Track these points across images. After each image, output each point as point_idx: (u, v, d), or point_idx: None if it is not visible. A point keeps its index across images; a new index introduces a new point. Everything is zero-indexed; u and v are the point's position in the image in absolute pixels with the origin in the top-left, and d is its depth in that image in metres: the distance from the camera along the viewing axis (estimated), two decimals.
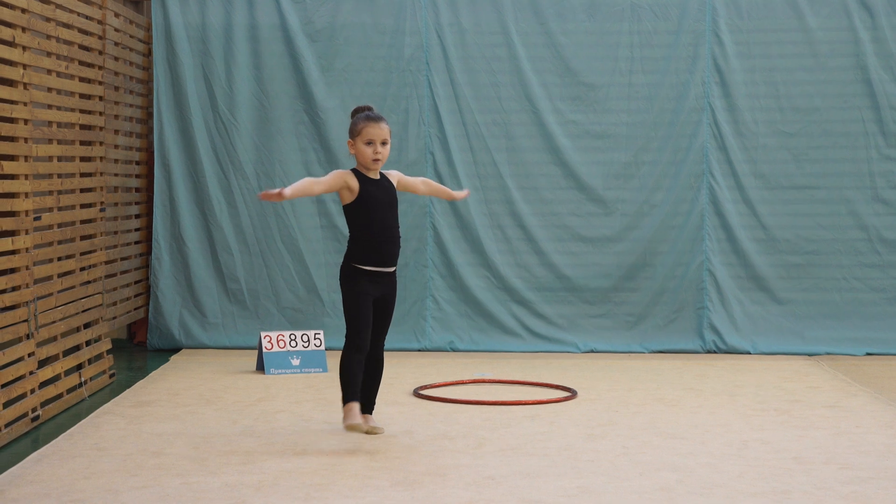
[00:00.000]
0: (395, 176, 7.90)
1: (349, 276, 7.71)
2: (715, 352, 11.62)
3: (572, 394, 9.42)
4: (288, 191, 7.31)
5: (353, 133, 7.63)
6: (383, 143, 7.60)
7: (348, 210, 7.67)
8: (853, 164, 11.67)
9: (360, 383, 7.67)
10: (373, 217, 7.62)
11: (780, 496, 6.48)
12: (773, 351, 11.57)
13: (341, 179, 7.58)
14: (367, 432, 7.59)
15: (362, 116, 7.64)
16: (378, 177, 7.73)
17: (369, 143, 7.54)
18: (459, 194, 8.49)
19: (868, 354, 11.54)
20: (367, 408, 7.84)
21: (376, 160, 7.57)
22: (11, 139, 8.27)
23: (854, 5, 11.56)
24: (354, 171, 7.66)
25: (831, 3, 11.58)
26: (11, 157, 8.26)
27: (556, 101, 11.69)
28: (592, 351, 11.63)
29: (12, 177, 8.25)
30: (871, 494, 6.53)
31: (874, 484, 6.75)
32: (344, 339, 7.74)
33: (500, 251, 11.74)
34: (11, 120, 8.25)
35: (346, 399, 7.54)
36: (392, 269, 7.79)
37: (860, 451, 7.58)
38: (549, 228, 11.75)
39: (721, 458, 7.37)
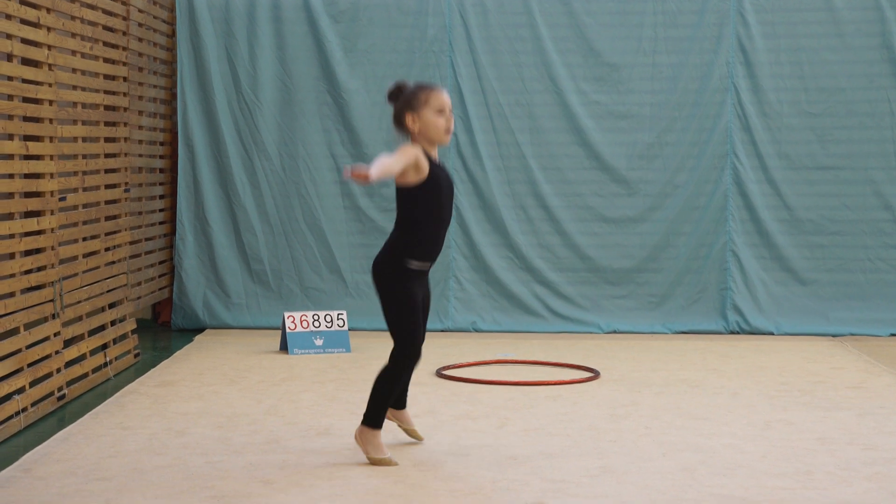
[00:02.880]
0: None
1: (400, 277, 6.59)
2: (738, 333, 11.63)
3: (595, 374, 9.44)
4: (375, 174, 6.01)
5: (416, 104, 6.52)
6: (450, 112, 6.64)
7: (412, 193, 6.53)
8: (878, 145, 11.65)
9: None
10: (442, 203, 6.62)
11: (802, 477, 6.50)
12: (796, 332, 11.57)
13: (414, 155, 6.41)
14: (387, 464, 6.51)
15: (421, 85, 6.69)
16: (437, 157, 6.71)
17: (440, 111, 6.51)
18: None
19: (893, 335, 11.53)
20: (402, 402, 7.05)
21: (448, 130, 6.59)
22: (37, 120, 8.32)
23: None
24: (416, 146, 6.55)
25: None
26: (37, 138, 8.31)
27: (580, 81, 11.69)
28: (615, 331, 11.64)
29: (38, 157, 8.31)
30: (894, 476, 6.54)
31: None
32: (393, 351, 6.66)
33: (522, 232, 11.76)
34: (37, 101, 8.31)
35: (374, 425, 6.58)
36: (432, 265, 6.84)
37: (884, 431, 7.60)
38: (572, 209, 11.76)
39: (744, 438, 7.38)
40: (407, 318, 6.58)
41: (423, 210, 6.57)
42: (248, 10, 11.66)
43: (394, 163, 6.29)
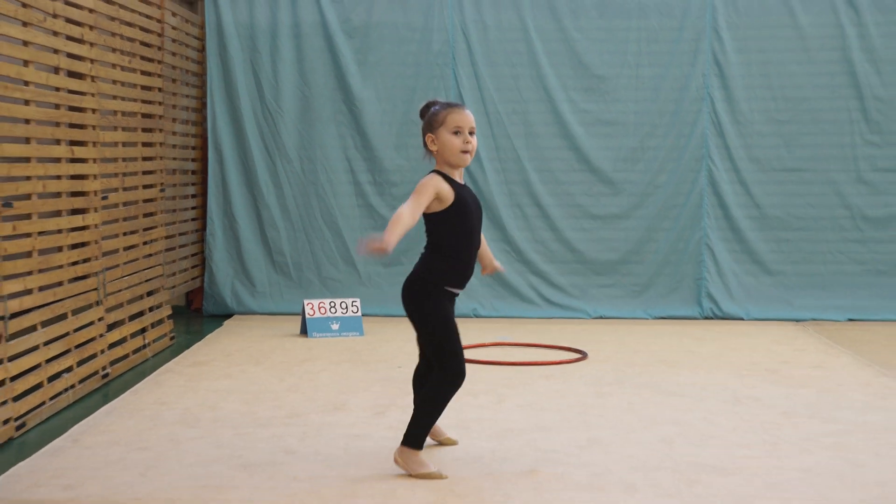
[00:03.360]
0: None
1: (436, 300, 5.85)
2: (712, 318, 11.65)
3: (583, 355, 9.47)
4: (390, 242, 5.30)
5: (434, 125, 5.80)
6: (471, 133, 5.81)
7: (438, 219, 5.79)
8: (839, 149, 11.66)
9: None
10: (472, 225, 5.85)
11: (768, 447, 6.56)
12: (764, 317, 11.59)
13: (431, 190, 5.66)
14: (436, 477, 5.75)
15: (442, 105, 5.87)
16: (461, 180, 5.92)
17: (457, 131, 5.74)
18: (498, 266, 6.42)
19: (850, 320, 11.55)
20: None
21: (466, 151, 5.76)
22: (81, 127, 8.36)
23: (841, 4, 11.54)
24: (440, 173, 5.80)
25: (820, 2, 11.55)
26: (81, 143, 8.36)
27: (570, 91, 11.69)
28: (601, 317, 11.65)
29: (82, 160, 8.34)
30: (850, 446, 6.59)
31: (854, 436, 6.81)
32: (440, 370, 5.88)
33: (518, 228, 11.76)
34: (81, 109, 8.34)
35: (414, 446, 5.82)
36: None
37: (842, 406, 7.64)
38: (563, 207, 11.76)
39: (716, 413, 7.43)
40: (451, 339, 5.82)
41: (454, 234, 5.81)
42: (271, 28, 11.67)
43: (410, 213, 5.54)
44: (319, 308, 10.49)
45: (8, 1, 7.10)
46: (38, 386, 7.32)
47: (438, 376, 5.84)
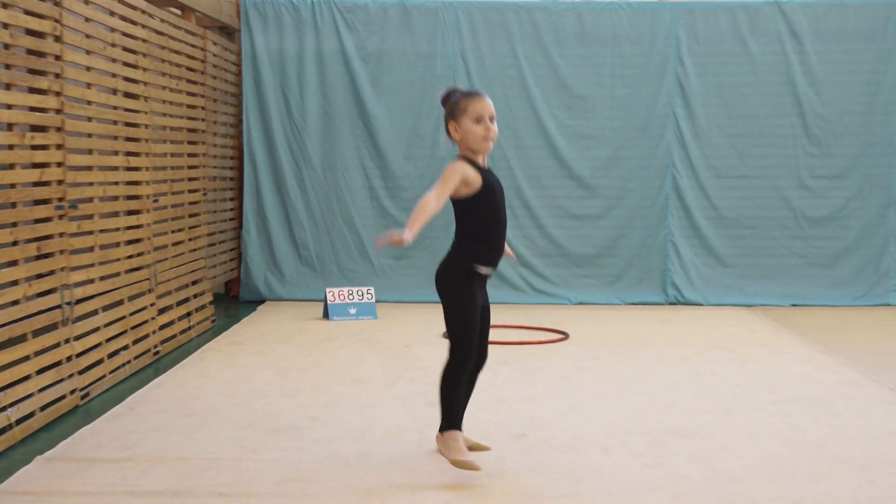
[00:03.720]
0: None
1: (465, 282, 5.28)
2: (675, 304, 11.65)
3: (565, 336, 9.49)
4: (410, 235, 4.82)
5: (456, 113, 5.29)
6: (492, 119, 5.29)
7: (467, 204, 5.27)
8: (784, 159, 11.66)
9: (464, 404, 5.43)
10: (499, 207, 5.35)
11: (723, 413, 6.62)
12: (720, 303, 11.58)
13: (458, 176, 5.18)
14: (470, 467, 5.09)
15: (462, 93, 5.33)
16: (486, 165, 5.42)
17: (478, 119, 5.23)
18: (510, 253, 5.81)
19: (793, 305, 11.54)
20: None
21: (487, 138, 5.26)
22: (135, 140, 8.39)
23: (786, 35, 11.55)
24: (466, 159, 5.32)
25: (768, 33, 11.57)
26: (136, 154, 8.38)
27: (554, 109, 11.68)
28: (581, 303, 11.63)
29: (136, 169, 8.38)
30: (792, 411, 6.66)
31: (796, 404, 6.87)
32: (449, 356, 5.32)
33: (510, 226, 11.47)
34: (135, 125, 8.37)
35: (450, 426, 5.25)
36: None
37: (786, 379, 7.68)
38: (548, 208, 11.75)
39: (679, 384, 7.48)
40: (467, 317, 5.23)
41: (484, 217, 5.29)
42: (298, 54, 11.68)
43: (436, 198, 5.06)
44: (339, 295, 10.51)
45: (74, 33, 7.15)
46: (100, 361, 7.36)
47: (447, 360, 5.30)
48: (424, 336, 9.41)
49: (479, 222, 5.30)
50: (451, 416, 5.26)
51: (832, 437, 6.10)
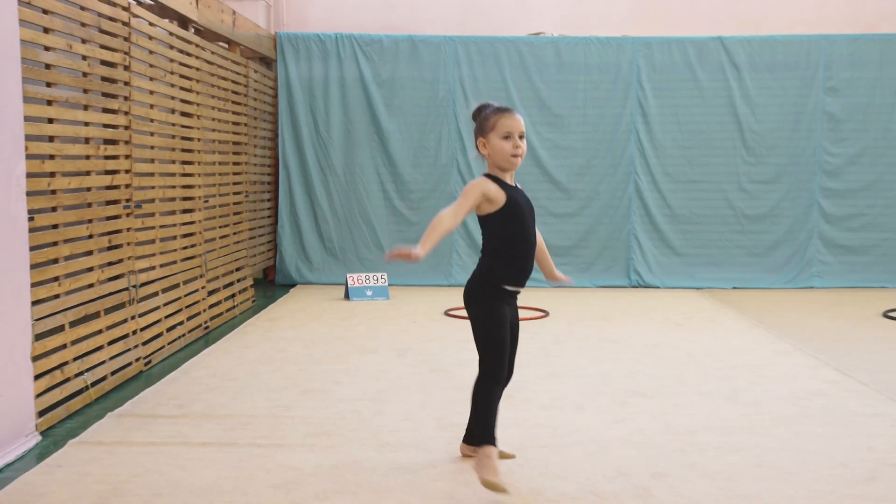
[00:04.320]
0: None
1: (492, 298, 4.50)
2: (637, 287, 11.63)
3: (545, 313, 9.50)
4: (422, 251, 4.09)
5: (485, 129, 4.48)
6: (521, 137, 4.46)
7: (491, 220, 4.48)
8: (726, 167, 11.64)
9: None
10: (523, 226, 4.51)
11: (676, 378, 6.62)
12: (674, 286, 11.56)
13: (478, 195, 4.40)
14: (498, 489, 4.19)
15: (493, 110, 4.50)
16: (513, 181, 4.56)
17: (507, 136, 4.41)
18: (561, 276, 5.05)
19: (734, 288, 11.52)
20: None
21: (515, 155, 4.43)
22: (190, 151, 8.39)
23: (727, 65, 11.52)
24: (489, 176, 4.51)
25: (712, 63, 11.54)
26: (190, 162, 8.39)
27: (537, 125, 11.66)
28: (559, 286, 11.64)
29: (190, 175, 8.38)
30: (733, 376, 6.66)
31: (736, 370, 6.87)
32: (480, 370, 4.50)
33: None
34: (189, 139, 8.38)
35: (484, 440, 4.38)
36: (515, 299, 4.66)
37: (728, 349, 7.68)
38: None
39: (640, 354, 7.48)
40: (496, 334, 4.44)
41: (508, 234, 4.48)
42: (324, 81, 11.66)
43: (451, 215, 4.31)
44: (357, 280, 10.50)
45: (140, 63, 7.14)
46: (159, 335, 7.37)
47: (479, 377, 4.51)
48: (429, 314, 9.41)
49: (504, 239, 4.47)
50: (485, 431, 4.42)
51: (766, 396, 6.10)
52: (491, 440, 4.37)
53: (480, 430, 4.42)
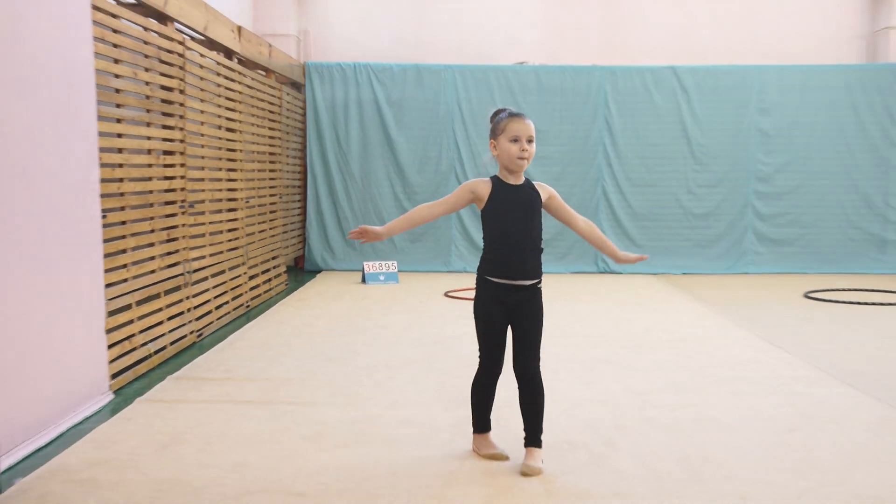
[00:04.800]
0: (547, 190, 4.13)
1: (482, 289, 4.07)
2: (604, 272, 11.63)
3: None
4: (384, 229, 3.94)
5: (496, 132, 3.98)
6: (529, 141, 3.94)
7: (482, 216, 4.04)
8: (676, 174, 11.65)
9: (489, 409, 4.13)
10: (503, 224, 3.97)
11: (635, 348, 6.64)
12: (634, 272, 11.53)
13: (467, 193, 3.99)
14: (494, 457, 4.04)
15: (504, 114, 4.00)
16: (521, 181, 4.04)
17: (515, 139, 3.91)
18: (628, 256, 4.29)
19: (684, 273, 11.53)
20: (530, 440, 3.98)
21: (522, 158, 3.92)
22: (233, 160, 8.41)
23: (678, 89, 11.52)
24: (493, 178, 4.03)
25: (666, 88, 11.53)
26: (234, 170, 8.40)
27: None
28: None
29: (234, 180, 8.40)
30: (683, 347, 6.68)
31: (685, 342, 6.89)
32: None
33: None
34: (233, 150, 8.40)
35: (475, 429, 4.15)
36: (526, 283, 4.05)
37: (678, 323, 7.70)
38: None
39: (606, 328, 7.50)
40: (480, 324, 4.07)
41: (488, 231, 4.01)
42: (344, 102, 11.65)
43: (428, 206, 4.00)
44: (372, 266, 10.50)
45: (192, 87, 7.16)
46: (209, 312, 7.39)
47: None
48: (432, 295, 9.43)
49: (488, 235, 4.02)
50: (476, 419, 4.12)
51: (708, 363, 6.14)
52: (479, 429, 4.12)
53: (474, 419, 4.12)
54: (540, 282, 4.11)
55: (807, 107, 11.63)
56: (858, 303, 8.97)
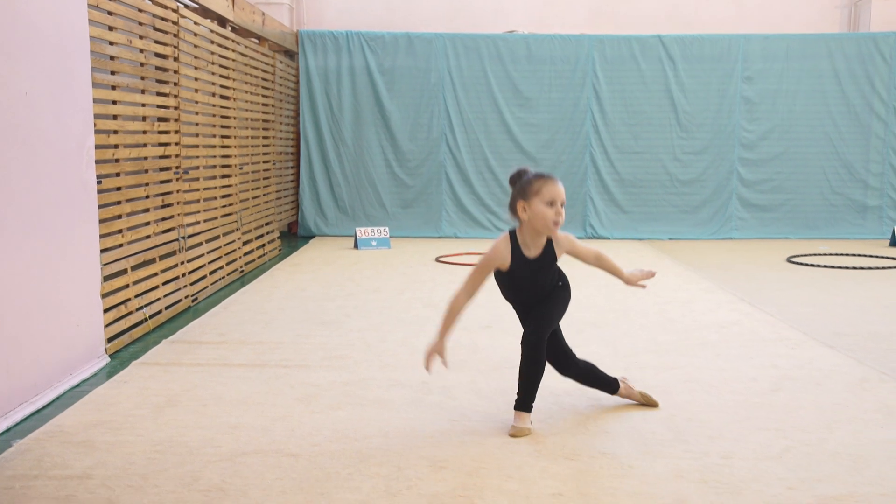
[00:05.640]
0: (565, 244, 3.96)
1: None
2: (592, 238, 11.61)
3: None
4: (440, 341, 3.80)
5: (528, 193, 3.75)
6: (562, 205, 3.78)
7: (495, 276, 3.99)
8: (663, 140, 11.62)
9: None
10: (517, 293, 4.00)
11: (622, 310, 6.65)
12: (622, 237, 11.58)
13: (489, 269, 3.92)
14: (524, 432, 3.80)
15: (534, 175, 3.78)
16: (540, 251, 3.89)
17: (551, 203, 3.73)
18: (636, 277, 4.27)
19: (670, 239, 11.56)
20: (517, 403, 3.89)
21: (557, 223, 3.77)
22: (227, 127, 8.35)
23: (665, 57, 11.47)
24: (513, 241, 3.88)
25: (653, 56, 11.48)
26: (227, 136, 8.35)
27: (511, 106, 11.61)
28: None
29: (228, 146, 8.34)
30: (667, 309, 6.69)
31: (670, 304, 6.91)
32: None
33: (480, 183, 11.71)
34: (227, 118, 8.34)
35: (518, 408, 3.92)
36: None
37: (664, 287, 7.68)
38: (506, 172, 11.57)
39: (593, 292, 7.46)
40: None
41: (503, 291, 4.05)
42: (337, 69, 11.56)
43: (464, 293, 3.88)
44: (364, 232, 10.47)
45: (186, 55, 7.08)
46: (204, 277, 7.37)
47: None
48: (422, 261, 9.42)
49: (502, 292, 4.06)
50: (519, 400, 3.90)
51: (693, 325, 6.15)
52: (518, 409, 3.90)
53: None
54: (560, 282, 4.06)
55: (790, 75, 11.59)
56: (840, 267, 8.99)
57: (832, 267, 9.03)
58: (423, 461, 3.52)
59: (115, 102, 5.69)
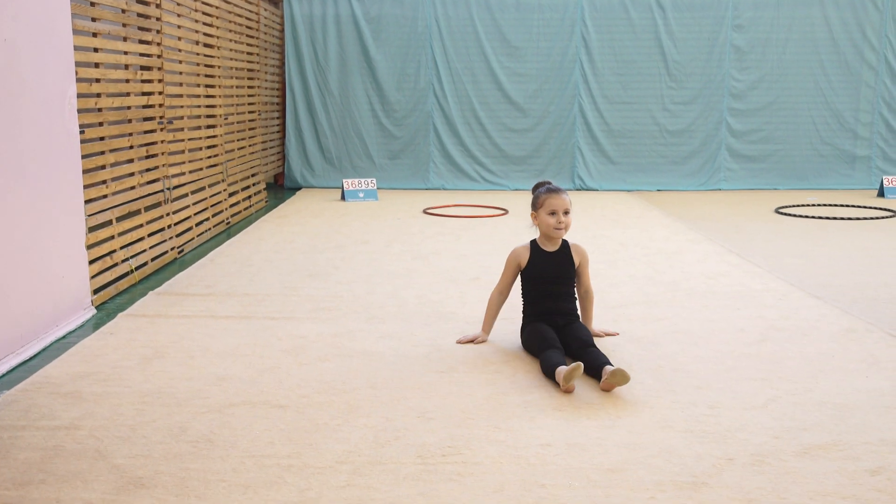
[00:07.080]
0: (580, 254, 4.52)
1: (532, 324, 4.37)
2: (581, 189, 11.63)
3: (505, 212, 9.51)
4: (484, 336, 4.55)
5: (536, 205, 4.47)
6: (565, 213, 4.41)
7: (521, 277, 4.52)
8: (653, 90, 11.58)
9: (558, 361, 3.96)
10: (536, 288, 4.42)
11: (610, 263, 6.66)
12: (610, 189, 11.58)
13: (515, 265, 4.49)
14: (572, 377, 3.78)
15: (543, 190, 4.50)
16: (556, 247, 4.49)
17: (552, 213, 4.39)
18: (601, 330, 4.72)
19: (658, 190, 11.57)
20: (605, 362, 3.95)
21: (559, 228, 4.39)
22: (212, 76, 8.26)
23: (654, 5, 11.39)
24: (532, 243, 4.52)
25: (642, 4, 11.40)
26: (212, 86, 8.27)
27: (499, 55, 11.55)
28: (517, 189, 11.63)
29: (212, 96, 8.27)
30: (656, 261, 6.71)
31: (658, 255, 6.92)
32: None
33: (468, 135, 11.70)
34: (212, 66, 8.24)
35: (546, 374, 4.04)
36: (565, 320, 4.36)
37: (651, 239, 7.73)
38: (494, 123, 11.66)
39: (584, 241, 7.50)
40: (541, 348, 4.11)
41: (527, 289, 4.46)
42: (322, 17, 11.46)
43: (498, 292, 4.55)
44: (352, 184, 10.44)
45: (169, 2, 6.98)
46: (189, 228, 7.34)
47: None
48: (410, 212, 9.40)
49: (527, 293, 4.48)
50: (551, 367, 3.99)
51: (681, 277, 6.17)
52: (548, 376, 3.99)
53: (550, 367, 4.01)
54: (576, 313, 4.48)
55: (780, 23, 11.53)
56: (827, 217, 9.02)
57: (820, 217, 9.06)
58: (411, 412, 3.54)
59: (96, 50, 5.61)
